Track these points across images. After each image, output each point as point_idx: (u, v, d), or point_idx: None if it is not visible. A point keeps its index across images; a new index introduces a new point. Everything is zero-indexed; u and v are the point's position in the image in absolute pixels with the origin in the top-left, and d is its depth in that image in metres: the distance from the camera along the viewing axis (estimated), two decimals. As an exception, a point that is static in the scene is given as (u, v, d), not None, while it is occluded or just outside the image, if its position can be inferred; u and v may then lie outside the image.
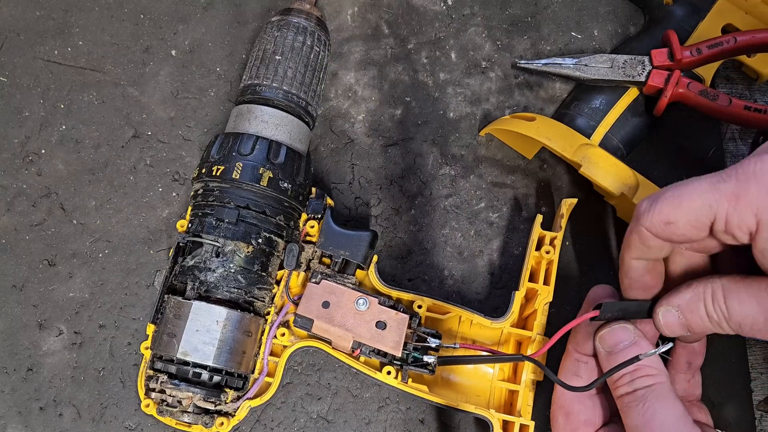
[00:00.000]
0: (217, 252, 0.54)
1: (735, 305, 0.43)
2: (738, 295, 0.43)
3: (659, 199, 0.42)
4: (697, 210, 0.40)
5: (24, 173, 0.67)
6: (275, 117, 0.59)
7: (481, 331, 0.60)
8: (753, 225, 0.38)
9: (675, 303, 0.46)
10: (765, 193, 0.37)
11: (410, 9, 0.72)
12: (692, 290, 0.45)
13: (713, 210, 0.39)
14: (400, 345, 0.55)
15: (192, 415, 0.53)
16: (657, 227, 0.43)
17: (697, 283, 0.45)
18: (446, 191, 0.67)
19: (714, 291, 0.44)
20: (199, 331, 0.52)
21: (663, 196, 0.42)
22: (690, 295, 0.45)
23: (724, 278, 0.44)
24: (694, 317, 0.45)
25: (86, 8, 0.72)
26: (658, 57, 0.62)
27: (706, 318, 0.45)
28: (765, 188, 0.37)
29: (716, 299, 0.44)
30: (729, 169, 0.40)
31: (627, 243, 0.47)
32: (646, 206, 0.43)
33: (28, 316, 0.64)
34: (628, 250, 0.47)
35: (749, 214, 0.38)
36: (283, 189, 0.56)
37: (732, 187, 0.38)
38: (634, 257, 0.47)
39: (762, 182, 0.37)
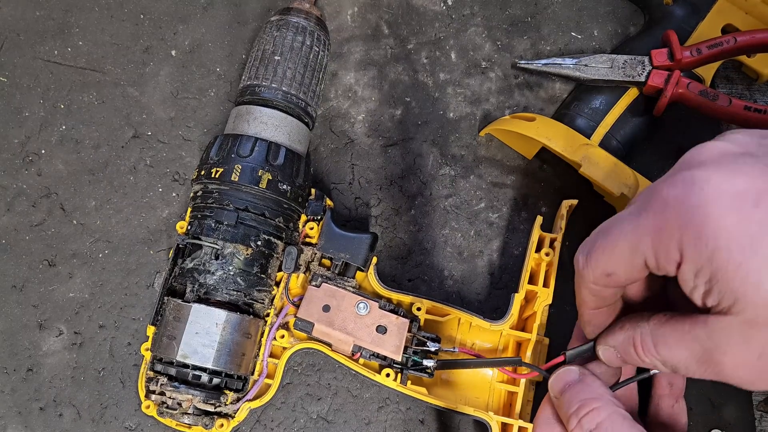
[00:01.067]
0: (216, 254, 0.54)
1: (665, 351, 0.41)
2: (665, 340, 0.41)
3: (593, 251, 0.41)
4: (629, 255, 0.38)
5: (24, 173, 0.67)
6: (274, 118, 0.59)
7: (481, 333, 0.60)
8: (677, 256, 0.36)
9: (611, 343, 0.46)
10: (684, 224, 0.35)
11: (410, 9, 0.72)
12: (624, 333, 0.45)
13: (642, 251, 0.37)
14: (401, 349, 0.55)
15: (192, 416, 0.53)
16: (600, 281, 0.41)
17: (628, 325, 0.44)
18: (446, 191, 0.67)
19: (643, 335, 0.42)
20: (198, 333, 0.52)
21: (594, 248, 0.41)
22: (622, 337, 0.45)
23: (652, 320, 0.42)
24: (630, 358, 0.44)
25: (86, 8, 0.72)
26: (658, 57, 0.62)
27: (639, 360, 0.44)
28: (681, 217, 0.35)
29: (645, 345, 0.42)
30: (646, 197, 0.38)
31: (581, 299, 0.45)
32: (582, 262, 0.41)
33: (28, 316, 0.64)
34: (584, 305, 0.45)
35: (672, 246, 0.36)
36: (282, 191, 0.56)
37: (651, 223, 0.36)
38: (592, 309, 0.45)
39: (677, 211, 0.35)
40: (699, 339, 0.38)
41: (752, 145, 0.37)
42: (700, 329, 0.38)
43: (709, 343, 0.38)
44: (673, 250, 0.36)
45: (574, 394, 0.46)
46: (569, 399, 0.46)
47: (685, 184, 0.35)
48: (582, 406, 0.44)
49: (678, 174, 0.36)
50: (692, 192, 0.35)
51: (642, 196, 0.39)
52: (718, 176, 0.35)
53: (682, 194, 0.35)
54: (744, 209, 0.33)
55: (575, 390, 0.46)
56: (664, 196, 0.36)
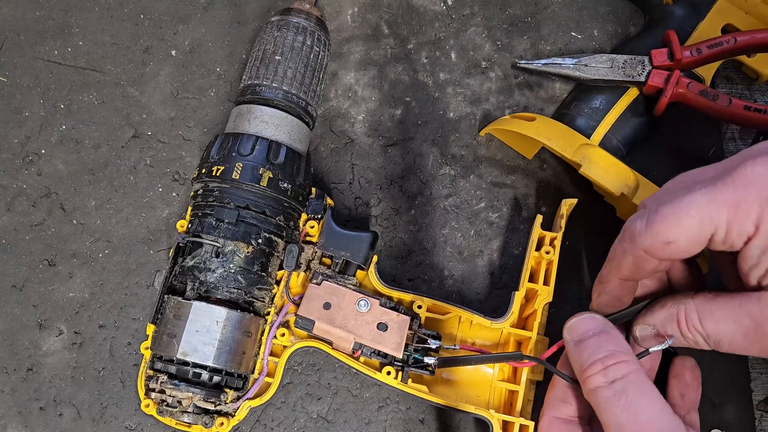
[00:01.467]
0: (216, 252, 0.54)
1: (711, 325, 0.41)
2: (712, 314, 0.41)
3: (655, 218, 0.40)
4: (698, 226, 0.39)
5: (24, 173, 0.67)
6: (275, 117, 0.59)
7: (481, 331, 0.60)
8: (752, 230, 0.37)
9: (650, 322, 0.46)
10: (764, 199, 0.36)
11: (410, 9, 0.72)
12: (666, 310, 0.44)
13: (714, 223, 0.38)
14: (401, 347, 0.55)
15: (192, 415, 0.53)
16: (657, 248, 0.41)
17: (671, 303, 0.44)
18: (446, 191, 0.67)
19: (687, 311, 0.43)
20: (198, 331, 0.52)
21: (659, 215, 0.40)
22: (664, 314, 0.44)
23: (697, 298, 0.43)
24: (673, 333, 0.44)
25: (86, 8, 0.72)
26: (658, 57, 0.62)
27: (682, 337, 0.44)
28: (764, 194, 0.36)
29: (690, 319, 0.42)
30: (722, 174, 0.39)
31: (617, 264, 0.44)
32: (640, 226, 0.41)
33: (28, 316, 0.64)
34: (617, 271, 0.45)
35: (749, 222, 0.37)
36: (282, 189, 0.56)
37: (731, 196, 0.37)
38: (623, 277, 0.45)
39: (760, 187, 0.37)
40: (750, 313, 0.39)
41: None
42: (753, 305, 0.39)
43: (760, 316, 0.39)
44: (748, 224, 0.37)
45: (601, 342, 0.45)
46: (595, 345, 0.44)
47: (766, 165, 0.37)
48: (610, 355, 0.43)
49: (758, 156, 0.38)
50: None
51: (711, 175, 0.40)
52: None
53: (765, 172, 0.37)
54: None
55: (602, 338, 0.45)
56: (747, 173, 0.37)
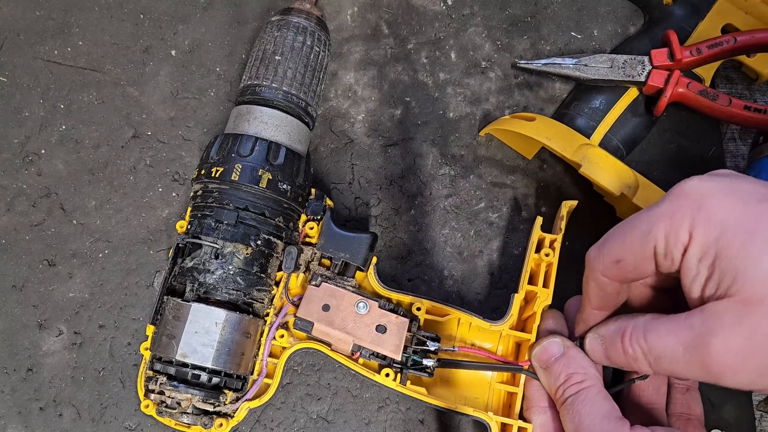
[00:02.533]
0: (216, 254, 0.54)
1: (654, 339, 0.43)
2: (657, 330, 0.43)
3: (604, 241, 0.45)
4: (640, 240, 0.41)
5: (24, 173, 0.67)
6: (275, 118, 0.59)
7: (480, 333, 0.60)
8: (686, 238, 0.39)
9: (600, 332, 0.49)
10: (696, 208, 0.39)
11: (410, 9, 0.72)
12: (616, 324, 0.47)
13: (654, 235, 0.40)
14: (400, 349, 0.55)
15: (191, 416, 0.53)
16: (609, 269, 0.44)
17: (623, 318, 0.47)
18: (446, 191, 0.67)
19: (635, 327, 0.45)
20: (198, 332, 0.52)
21: (608, 237, 0.44)
22: (613, 327, 0.47)
23: (648, 315, 0.45)
24: (615, 348, 0.47)
25: (86, 8, 0.72)
26: (657, 57, 0.62)
27: (622, 352, 0.46)
28: (696, 203, 0.39)
29: (635, 334, 0.45)
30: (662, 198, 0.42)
31: (586, 294, 0.48)
32: (594, 252, 0.45)
33: (28, 316, 0.64)
34: (588, 302, 0.48)
35: (683, 230, 0.39)
36: (282, 190, 0.56)
37: (665, 207, 0.40)
38: (594, 307, 0.49)
39: (692, 198, 0.39)
40: (692, 325, 0.40)
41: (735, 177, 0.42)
42: (695, 316, 0.41)
43: (701, 327, 0.40)
44: (683, 232, 0.39)
45: (561, 366, 0.50)
46: (556, 371, 0.51)
47: (701, 179, 0.41)
48: (568, 378, 0.50)
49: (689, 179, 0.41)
50: (708, 182, 0.40)
51: None
52: (730, 178, 0.40)
53: (698, 185, 0.40)
54: (751, 202, 0.38)
55: (562, 363, 0.51)
56: (682, 186, 0.41)
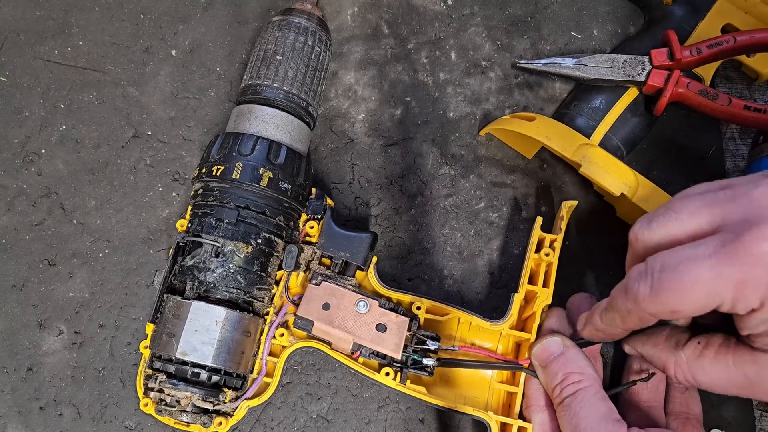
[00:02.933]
0: (216, 252, 0.54)
1: (703, 378, 0.45)
2: (704, 370, 0.44)
3: (661, 288, 0.40)
4: (704, 299, 0.39)
5: (24, 173, 0.67)
6: (276, 117, 0.59)
7: (480, 332, 0.60)
8: (756, 305, 0.38)
9: (640, 350, 0.50)
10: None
11: (410, 9, 0.72)
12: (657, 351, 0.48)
13: (720, 297, 0.38)
14: (400, 348, 0.55)
15: (190, 414, 0.53)
16: (662, 314, 0.42)
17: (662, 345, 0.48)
18: (446, 191, 0.67)
19: (677, 362, 0.46)
20: (198, 330, 0.52)
21: (663, 285, 0.40)
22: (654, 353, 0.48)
23: (687, 349, 0.46)
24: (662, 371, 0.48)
25: (86, 8, 0.72)
26: (657, 57, 0.62)
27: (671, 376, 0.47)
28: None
29: (681, 370, 0.46)
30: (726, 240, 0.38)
31: (622, 318, 0.45)
32: (644, 291, 0.41)
33: (28, 316, 0.64)
34: (622, 323, 0.45)
35: (755, 298, 0.37)
36: (283, 189, 0.56)
37: (737, 274, 0.37)
38: (627, 329, 0.47)
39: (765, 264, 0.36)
40: (745, 373, 0.42)
41: None
42: (747, 365, 0.42)
43: (756, 378, 0.41)
44: (753, 300, 0.37)
45: (559, 366, 0.51)
46: (554, 371, 0.51)
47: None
48: (565, 378, 0.50)
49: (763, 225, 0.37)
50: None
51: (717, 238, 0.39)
52: None
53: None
54: None
55: (560, 362, 0.51)
56: (754, 249, 0.37)
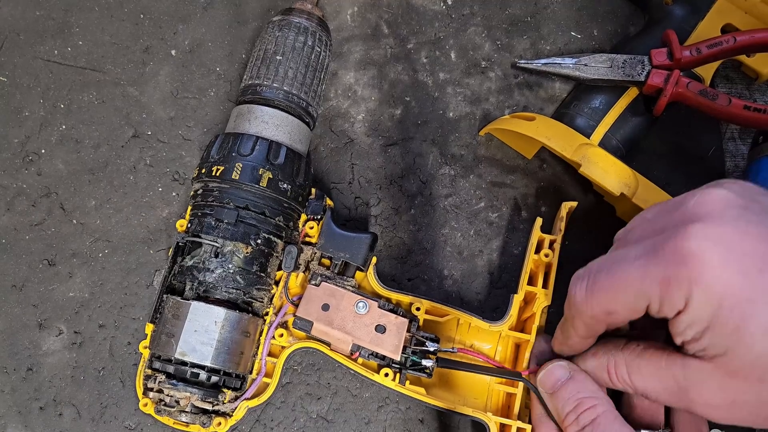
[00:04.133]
0: (216, 252, 0.54)
1: (638, 380, 0.45)
2: (639, 370, 0.45)
3: (594, 288, 0.43)
4: (633, 299, 0.40)
5: (24, 173, 0.67)
6: (275, 117, 0.59)
7: (480, 333, 0.60)
8: (681, 306, 0.38)
9: (583, 368, 0.50)
10: (695, 279, 0.37)
11: (410, 9, 0.72)
12: (597, 360, 0.48)
13: (647, 296, 0.40)
14: (399, 349, 0.55)
15: (190, 414, 0.53)
16: (598, 317, 0.43)
17: (601, 353, 0.48)
18: (446, 191, 0.67)
19: (617, 364, 0.46)
20: (197, 331, 0.52)
21: (597, 286, 0.43)
22: (595, 364, 0.48)
23: (626, 350, 0.46)
24: (603, 382, 0.48)
25: (86, 8, 0.72)
26: (657, 57, 0.62)
27: (611, 384, 0.47)
28: (693, 272, 0.37)
29: (619, 372, 0.46)
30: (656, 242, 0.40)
31: (572, 327, 0.47)
32: (582, 296, 0.44)
33: (28, 316, 0.64)
34: (575, 331, 0.47)
35: (679, 297, 0.38)
36: (282, 190, 0.56)
37: (663, 272, 0.38)
38: (582, 336, 0.48)
39: (690, 266, 0.37)
40: (675, 376, 0.42)
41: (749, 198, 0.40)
42: (677, 369, 0.42)
43: (684, 382, 0.41)
44: (678, 300, 0.38)
45: (570, 391, 0.49)
46: (565, 397, 0.49)
47: (698, 239, 0.37)
48: (580, 403, 0.47)
49: (689, 226, 0.38)
50: (706, 249, 0.37)
51: (648, 234, 0.41)
52: (729, 236, 0.37)
53: (696, 250, 0.37)
54: (751, 274, 0.37)
55: (570, 387, 0.49)
56: (679, 248, 0.38)
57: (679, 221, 0.39)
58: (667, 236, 0.39)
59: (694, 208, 0.40)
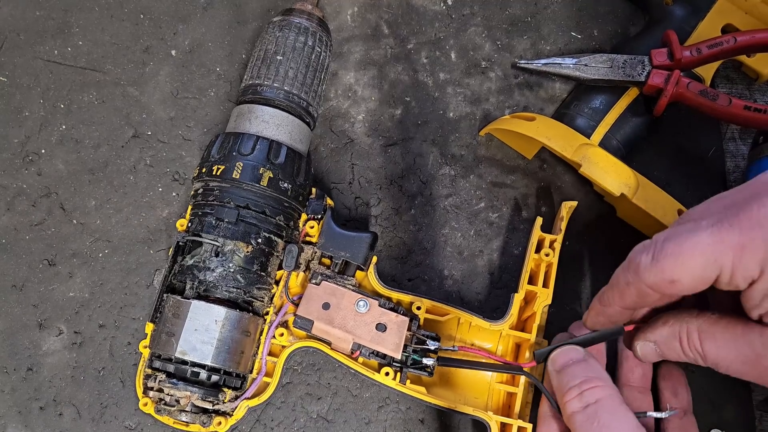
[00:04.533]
0: (216, 251, 0.54)
1: (711, 348, 0.43)
2: (714, 337, 0.42)
3: (660, 255, 0.40)
4: (702, 267, 0.38)
5: (24, 173, 0.67)
6: (276, 117, 0.59)
7: (480, 333, 0.60)
8: (756, 274, 0.37)
9: (651, 338, 0.47)
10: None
11: (410, 9, 0.72)
12: (668, 328, 0.45)
13: (719, 264, 0.38)
14: (400, 347, 0.55)
15: (190, 414, 0.53)
16: (661, 285, 0.41)
17: (673, 321, 0.45)
18: (446, 191, 0.67)
19: (690, 331, 0.44)
20: (197, 330, 0.52)
21: (664, 252, 0.40)
22: (666, 332, 0.45)
23: (700, 318, 0.44)
24: (671, 353, 0.46)
25: (86, 8, 0.72)
26: (657, 57, 0.62)
27: (682, 354, 0.45)
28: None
29: (692, 340, 0.44)
30: (729, 211, 0.38)
31: (620, 293, 0.44)
32: (646, 261, 0.41)
33: (28, 316, 0.64)
34: (620, 299, 0.45)
35: (754, 264, 0.37)
36: (283, 189, 0.56)
37: (737, 238, 0.37)
38: (626, 306, 0.45)
39: (766, 230, 0.36)
40: (751, 344, 0.40)
41: None
42: (755, 336, 0.40)
43: (762, 348, 0.40)
44: (753, 267, 0.37)
45: (578, 370, 0.47)
46: (573, 373, 0.47)
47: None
48: (586, 380, 0.45)
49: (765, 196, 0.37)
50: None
51: (719, 210, 0.40)
52: None
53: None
54: None
55: (580, 367, 0.47)
56: (754, 214, 0.37)
57: (752, 193, 0.38)
58: (741, 206, 0.38)
59: (763, 180, 0.39)
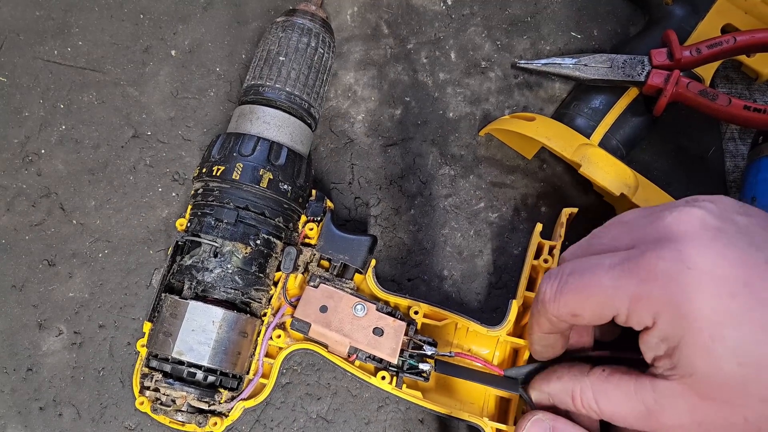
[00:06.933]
0: (215, 252, 0.54)
1: (606, 405, 0.44)
2: (607, 395, 0.43)
3: (564, 290, 0.43)
4: (600, 306, 0.40)
5: (24, 173, 0.67)
6: (277, 118, 0.59)
7: (478, 338, 0.60)
8: (650, 323, 0.39)
9: (546, 390, 0.48)
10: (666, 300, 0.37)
11: (410, 9, 0.72)
12: (561, 384, 0.47)
13: (615, 308, 0.40)
14: (397, 352, 0.55)
15: (186, 414, 0.53)
16: (564, 317, 0.43)
17: (567, 377, 0.47)
18: (446, 191, 0.67)
19: (583, 389, 0.45)
20: (195, 330, 0.52)
21: (567, 287, 0.42)
22: (559, 388, 0.47)
23: (592, 375, 0.45)
24: (566, 407, 0.47)
25: (86, 8, 0.72)
26: (657, 57, 0.62)
27: (574, 409, 0.46)
28: (665, 292, 0.37)
29: (585, 398, 0.45)
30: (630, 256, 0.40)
31: (536, 321, 0.47)
32: (550, 295, 0.43)
33: (28, 316, 0.64)
34: (538, 327, 0.47)
35: (648, 315, 0.38)
36: (282, 191, 0.56)
37: (633, 288, 0.39)
38: (544, 332, 0.47)
39: (661, 285, 0.38)
40: (644, 400, 0.41)
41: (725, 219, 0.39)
42: (647, 392, 0.41)
43: (654, 405, 0.41)
44: (646, 317, 0.39)
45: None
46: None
47: (672, 260, 0.38)
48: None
49: (664, 245, 0.38)
50: (679, 271, 0.37)
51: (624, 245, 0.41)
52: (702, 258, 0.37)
53: (670, 270, 0.37)
54: (722, 297, 0.36)
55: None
56: (652, 266, 0.38)
57: (655, 237, 0.40)
58: (642, 251, 0.39)
59: (670, 226, 0.39)
